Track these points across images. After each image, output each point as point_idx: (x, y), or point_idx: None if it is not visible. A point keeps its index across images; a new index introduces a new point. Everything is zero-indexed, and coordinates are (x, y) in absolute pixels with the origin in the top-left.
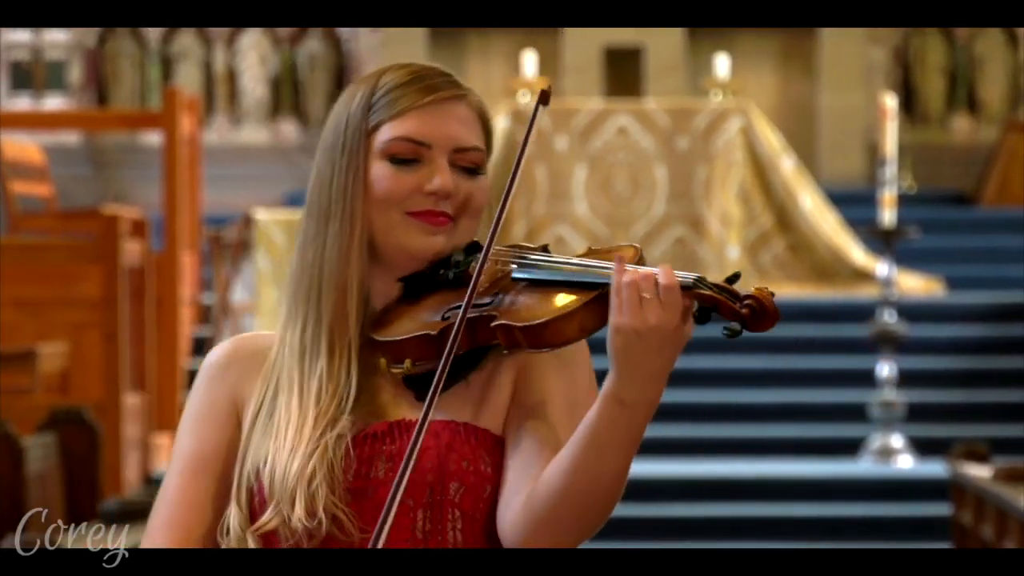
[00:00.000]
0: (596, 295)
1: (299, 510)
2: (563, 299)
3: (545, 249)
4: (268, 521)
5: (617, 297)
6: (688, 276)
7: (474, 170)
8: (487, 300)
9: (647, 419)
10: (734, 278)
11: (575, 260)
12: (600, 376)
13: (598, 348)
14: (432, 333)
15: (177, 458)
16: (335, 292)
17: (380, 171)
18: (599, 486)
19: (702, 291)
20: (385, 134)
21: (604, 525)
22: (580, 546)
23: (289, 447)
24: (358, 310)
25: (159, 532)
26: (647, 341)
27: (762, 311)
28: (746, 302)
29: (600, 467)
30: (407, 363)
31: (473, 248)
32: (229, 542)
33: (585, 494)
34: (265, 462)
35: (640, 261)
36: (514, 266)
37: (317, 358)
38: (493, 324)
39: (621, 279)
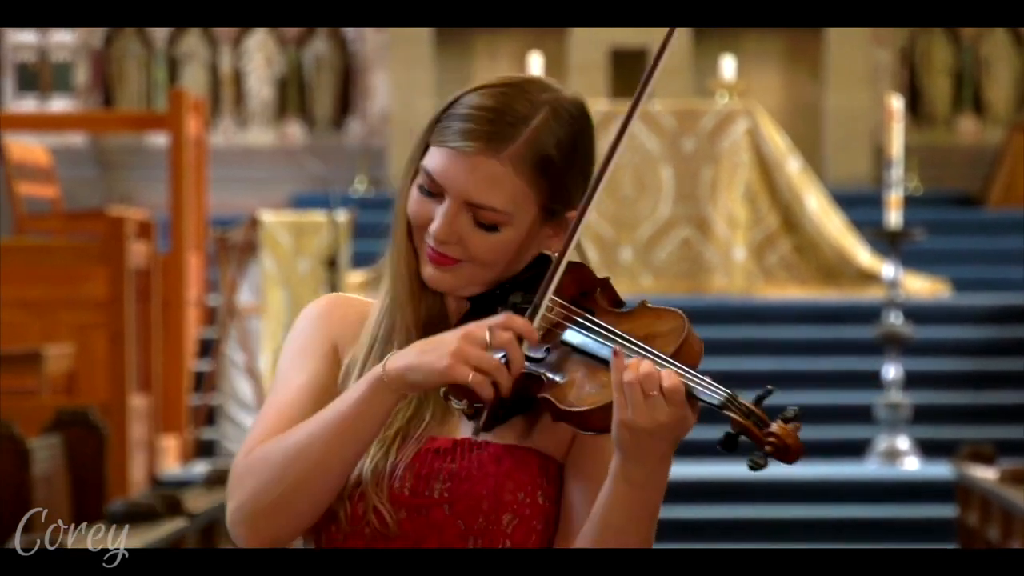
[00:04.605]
0: None
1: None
2: (607, 384)
3: (607, 287)
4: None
5: (620, 395)
6: (716, 394)
7: (490, 227)
8: (541, 355)
9: (661, 493)
10: (766, 394)
11: (623, 334)
12: None
13: None
14: None
15: (283, 389)
16: (397, 308)
17: (413, 194)
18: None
19: (731, 415)
20: (425, 159)
21: None
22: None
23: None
24: (416, 324)
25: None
26: (657, 435)
27: (784, 449)
28: (769, 439)
29: (621, 546)
30: (464, 403)
31: (531, 281)
32: None
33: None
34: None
35: (685, 334)
36: (568, 327)
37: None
38: (540, 395)
39: (622, 377)
